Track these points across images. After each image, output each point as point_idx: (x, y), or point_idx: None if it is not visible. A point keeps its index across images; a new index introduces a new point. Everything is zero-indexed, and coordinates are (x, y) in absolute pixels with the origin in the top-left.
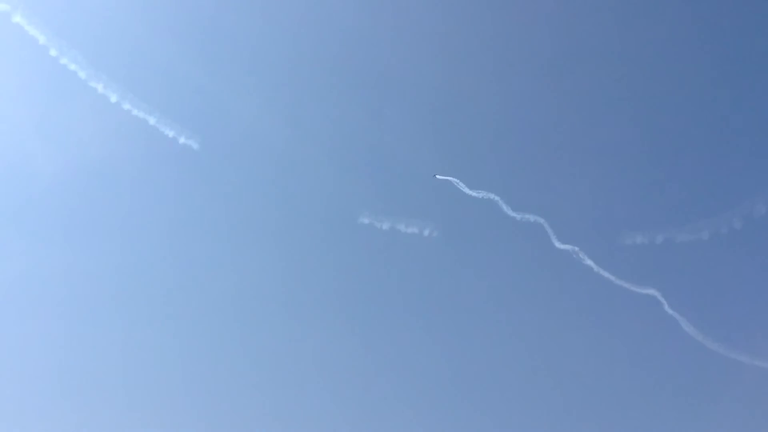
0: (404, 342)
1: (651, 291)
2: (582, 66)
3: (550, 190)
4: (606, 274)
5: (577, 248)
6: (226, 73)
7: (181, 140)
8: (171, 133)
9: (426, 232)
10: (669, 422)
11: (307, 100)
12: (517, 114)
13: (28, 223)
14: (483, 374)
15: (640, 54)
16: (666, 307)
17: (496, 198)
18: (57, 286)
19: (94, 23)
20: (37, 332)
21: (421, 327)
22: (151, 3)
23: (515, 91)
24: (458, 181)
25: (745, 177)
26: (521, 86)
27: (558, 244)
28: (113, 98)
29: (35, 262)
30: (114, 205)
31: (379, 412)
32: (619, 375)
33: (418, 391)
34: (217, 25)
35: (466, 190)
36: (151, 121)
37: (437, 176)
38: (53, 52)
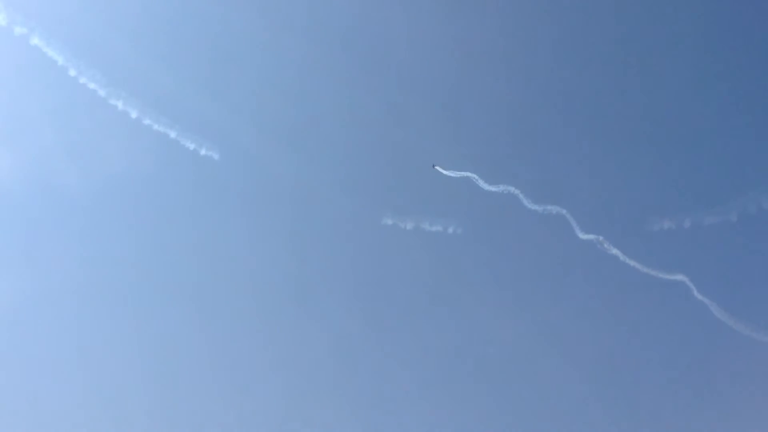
0: (435, 340)
1: (679, 277)
2: (601, 53)
3: (571, 179)
4: (632, 263)
5: (601, 238)
6: (244, 83)
7: (202, 152)
8: (192, 146)
9: (450, 230)
10: (701, 408)
11: (325, 106)
12: (533, 105)
13: (56, 238)
14: (514, 366)
15: (659, 40)
16: (695, 292)
17: (517, 191)
18: (84, 298)
19: (112, 41)
20: (58, 344)
21: (452, 322)
22: (167, 19)
23: (531, 81)
24: (476, 176)
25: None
26: (537, 76)
27: (582, 235)
28: (133, 114)
29: (63, 275)
30: (139, 218)
31: (408, 402)
32: (649, 363)
33: (447, 382)
34: (233, 37)
35: (485, 186)
36: (172, 134)
37: (437, 168)
38: (72, 72)
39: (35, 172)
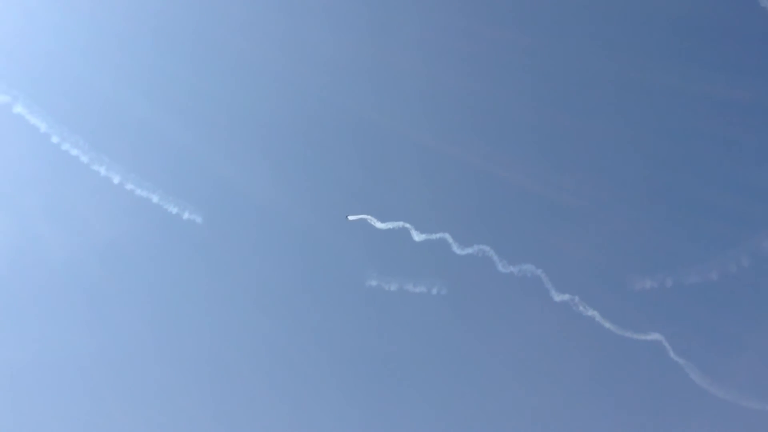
0: (421, 401)
1: (655, 336)
2: (576, 100)
3: (546, 237)
4: (608, 325)
5: (577, 298)
6: (227, 146)
7: (185, 216)
8: (174, 210)
9: (434, 291)
10: None
11: (305, 170)
12: (503, 159)
13: (39, 306)
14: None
15: (635, 89)
16: (671, 353)
17: (491, 252)
18: (70, 369)
19: (93, 108)
20: (49, 417)
21: (437, 384)
22: (147, 82)
23: (498, 137)
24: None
25: (747, 213)
26: (503, 132)
27: (556, 297)
28: (116, 179)
29: (48, 345)
30: (123, 284)
31: None
32: (620, 426)
33: None
34: (215, 100)
35: (458, 249)
36: (155, 199)
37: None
38: (55, 139)
39: (17, 240)
